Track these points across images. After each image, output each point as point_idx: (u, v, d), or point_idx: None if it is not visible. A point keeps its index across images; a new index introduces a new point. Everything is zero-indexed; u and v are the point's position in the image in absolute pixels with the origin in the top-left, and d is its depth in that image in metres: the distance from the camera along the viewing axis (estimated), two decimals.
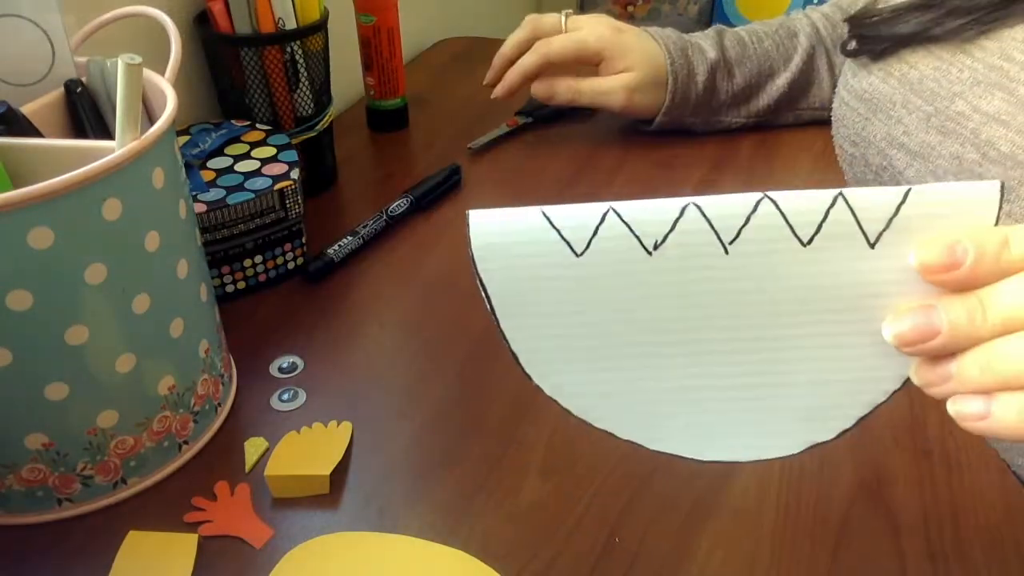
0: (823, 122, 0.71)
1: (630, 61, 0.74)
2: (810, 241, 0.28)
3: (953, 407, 0.28)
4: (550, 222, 0.29)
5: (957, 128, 0.45)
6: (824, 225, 0.28)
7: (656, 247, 0.28)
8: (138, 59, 0.39)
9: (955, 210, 0.27)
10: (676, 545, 0.43)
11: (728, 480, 0.46)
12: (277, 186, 0.58)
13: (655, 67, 0.75)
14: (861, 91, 0.52)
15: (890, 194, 0.27)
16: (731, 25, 0.80)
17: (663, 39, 0.76)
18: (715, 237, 0.28)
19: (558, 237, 0.29)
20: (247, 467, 0.47)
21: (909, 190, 0.27)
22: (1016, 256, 0.26)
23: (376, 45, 0.79)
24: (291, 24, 0.66)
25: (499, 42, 0.78)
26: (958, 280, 0.27)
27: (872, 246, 0.28)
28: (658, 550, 0.42)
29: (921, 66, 0.47)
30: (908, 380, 0.30)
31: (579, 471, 0.46)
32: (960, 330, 0.27)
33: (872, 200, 0.28)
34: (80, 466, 0.43)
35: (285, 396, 0.52)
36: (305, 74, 0.68)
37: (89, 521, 0.44)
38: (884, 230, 0.28)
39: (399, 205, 0.68)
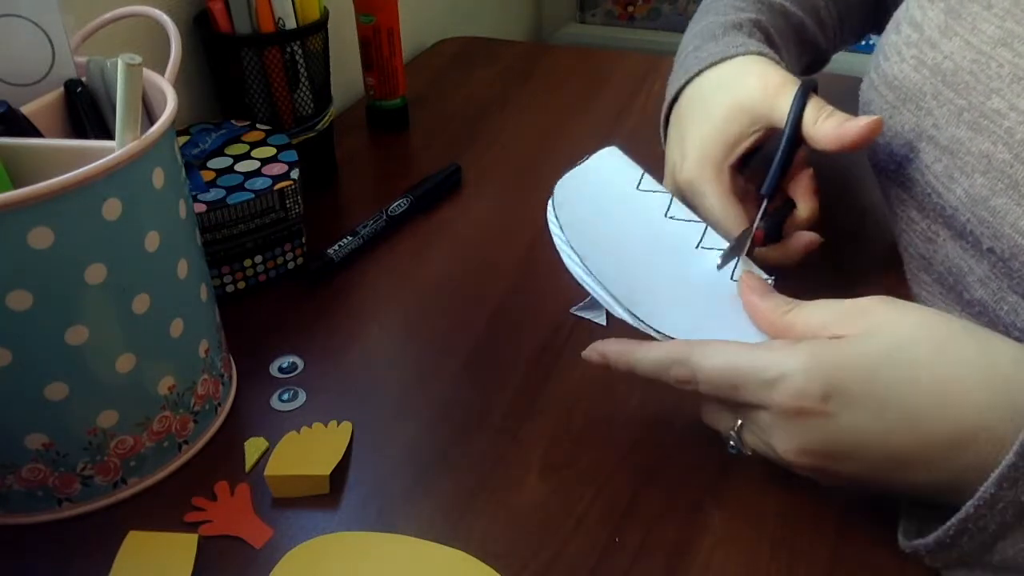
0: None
1: None
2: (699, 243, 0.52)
3: None
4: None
5: (990, 125, 0.43)
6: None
7: (638, 187, 0.54)
8: (138, 59, 0.39)
9: None
10: (677, 544, 0.43)
11: (729, 479, 0.46)
12: (277, 186, 0.58)
13: None
14: (891, 78, 0.50)
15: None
16: None
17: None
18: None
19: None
20: (247, 467, 0.47)
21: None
22: None
23: (376, 45, 0.79)
24: (291, 24, 0.66)
25: (499, 42, 0.78)
26: None
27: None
28: (658, 550, 0.42)
29: (957, 57, 0.45)
30: None
31: (579, 471, 0.46)
32: None
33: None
34: (80, 466, 0.43)
35: (285, 396, 0.52)
36: (305, 74, 0.68)
37: (89, 521, 0.44)
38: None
39: (399, 205, 0.68)
